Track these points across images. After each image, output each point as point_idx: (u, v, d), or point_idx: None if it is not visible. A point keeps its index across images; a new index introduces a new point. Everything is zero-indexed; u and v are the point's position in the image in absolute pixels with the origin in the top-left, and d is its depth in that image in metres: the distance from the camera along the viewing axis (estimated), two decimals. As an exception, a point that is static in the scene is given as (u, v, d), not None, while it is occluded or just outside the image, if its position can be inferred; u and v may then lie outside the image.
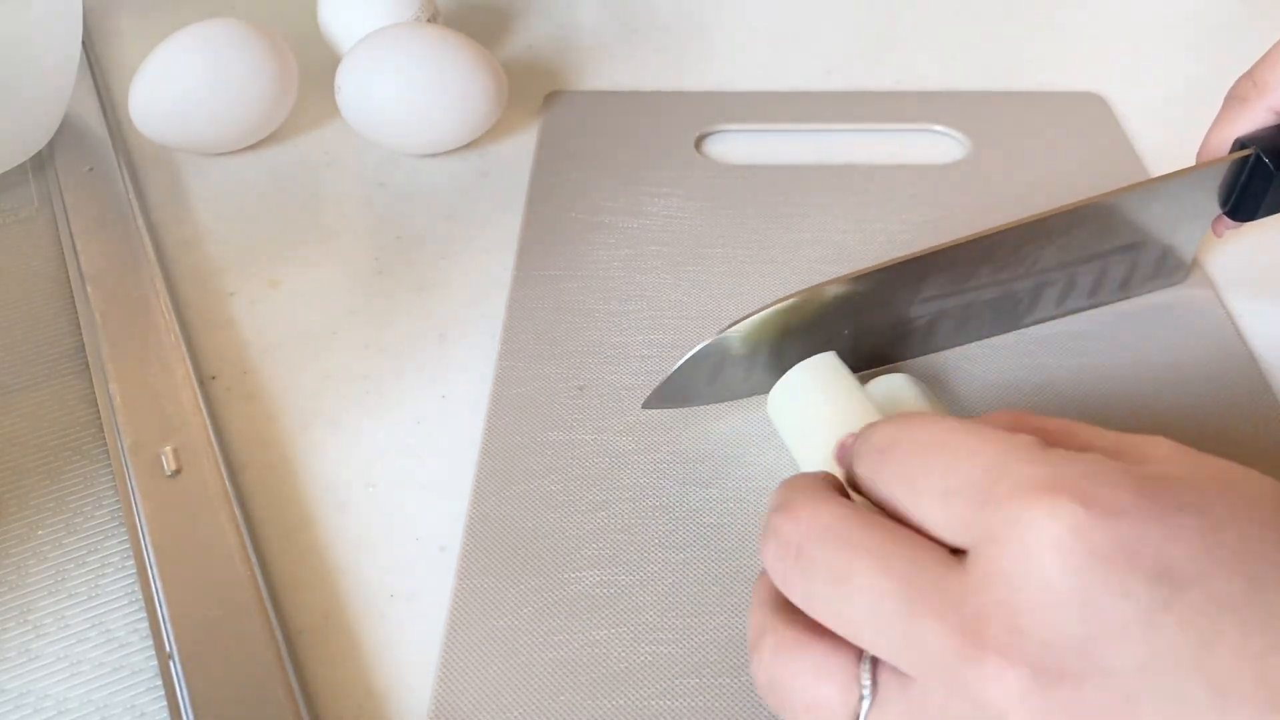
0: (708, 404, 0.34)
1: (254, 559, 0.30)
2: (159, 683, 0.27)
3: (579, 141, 0.46)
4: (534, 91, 0.50)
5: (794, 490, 0.24)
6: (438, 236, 0.42)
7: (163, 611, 0.28)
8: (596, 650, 0.28)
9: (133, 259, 0.40)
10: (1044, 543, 0.19)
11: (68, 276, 0.39)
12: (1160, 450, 0.22)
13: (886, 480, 0.23)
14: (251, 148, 0.46)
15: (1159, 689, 0.19)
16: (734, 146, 0.46)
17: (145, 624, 0.29)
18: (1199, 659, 0.18)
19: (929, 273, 0.33)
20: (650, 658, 0.28)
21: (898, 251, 0.39)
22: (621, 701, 0.27)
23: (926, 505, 0.22)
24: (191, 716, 0.26)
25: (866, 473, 0.24)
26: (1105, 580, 0.19)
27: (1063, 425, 0.24)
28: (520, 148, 0.46)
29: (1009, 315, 0.36)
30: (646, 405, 0.33)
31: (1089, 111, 0.48)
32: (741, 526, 0.31)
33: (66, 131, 0.46)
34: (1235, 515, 0.20)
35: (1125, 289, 0.37)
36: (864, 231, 0.41)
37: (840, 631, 0.22)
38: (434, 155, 0.46)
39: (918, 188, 0.43)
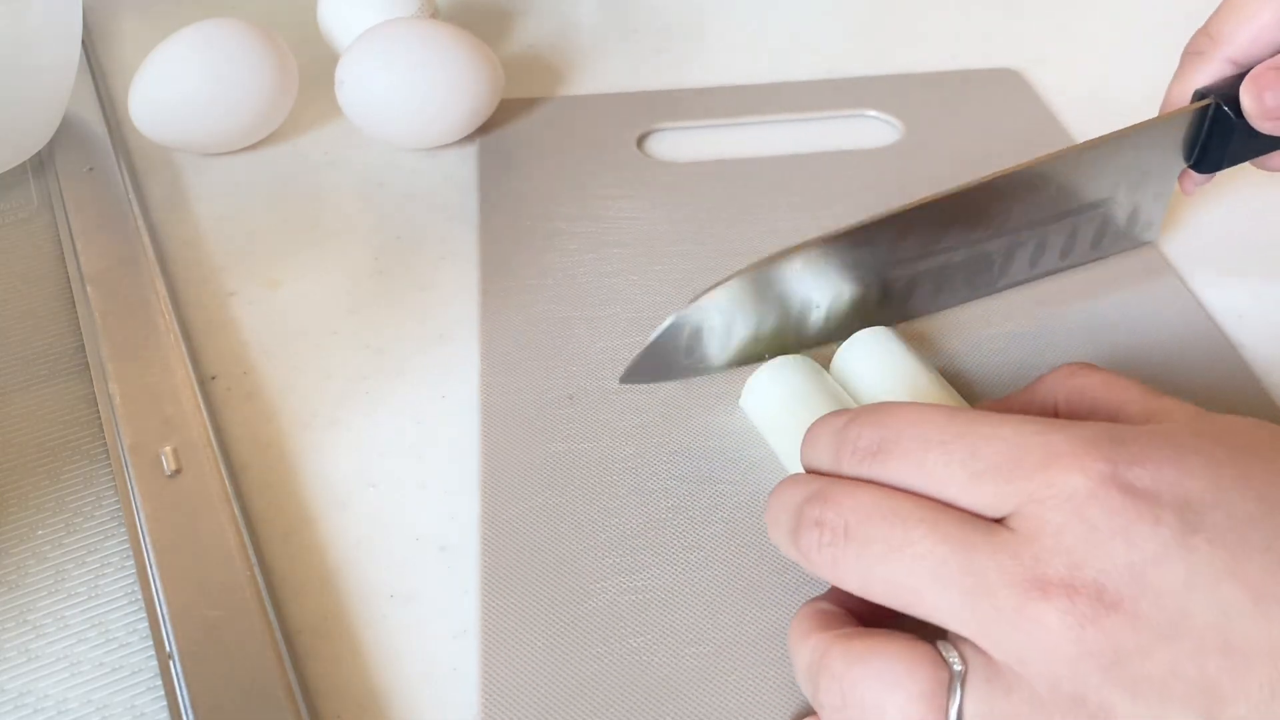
0: (688, 377, 0.34)
1: (254, 559, 0.30)
2: (159, 683, 0.27)
3: (520, 151, 0.46)
4: (534, 91, 0.50)
5: (814, 482, 0.25)
6: (438, 236, 0.42)
7: (162, 611, 0.28)
8: (637, 659, 0.28)
9: (133, 259, 0.40)
10: (1081, 493, 0.22)
11: (68, 277, 0.39)
12: (1180, 413, 0.25)
13: (895, 475, 0.24)
14: (251, 148, 0.46)
15: (1205, 600, 0.21)
16: (675, 144, 0.47)
17: (145, 624, 0.29)
18: (1233, 569, 0.21)
19: (903, 232, 0.33)
20: (692, 660, 0.28)
21: None
22: (673, 707, 0.27)
23: (954, 489, 0.23)
24: (191, 716, 0.26)
25: (861, 471, 0.25)
26: (1138, 514, 0.21)
27: (1107, 379, 0.27)
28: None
29: (984, 277, 0.37)
30: (624, 380, 0.34)
31: (1009, 87, 0.49)
32: (753, 520, 0.31)
33: (66, 131, 0.46)
34: (1234, 455, 0.23)
35: (1097, 248, 0.38)
36: (818, 219, 0.41)
37: (904, 602, 0.23)
38: (434, 156, 0.46)
39: (860, 172, 0.44)
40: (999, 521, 0.23)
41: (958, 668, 0.22)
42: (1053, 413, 0.29)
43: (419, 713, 0.27)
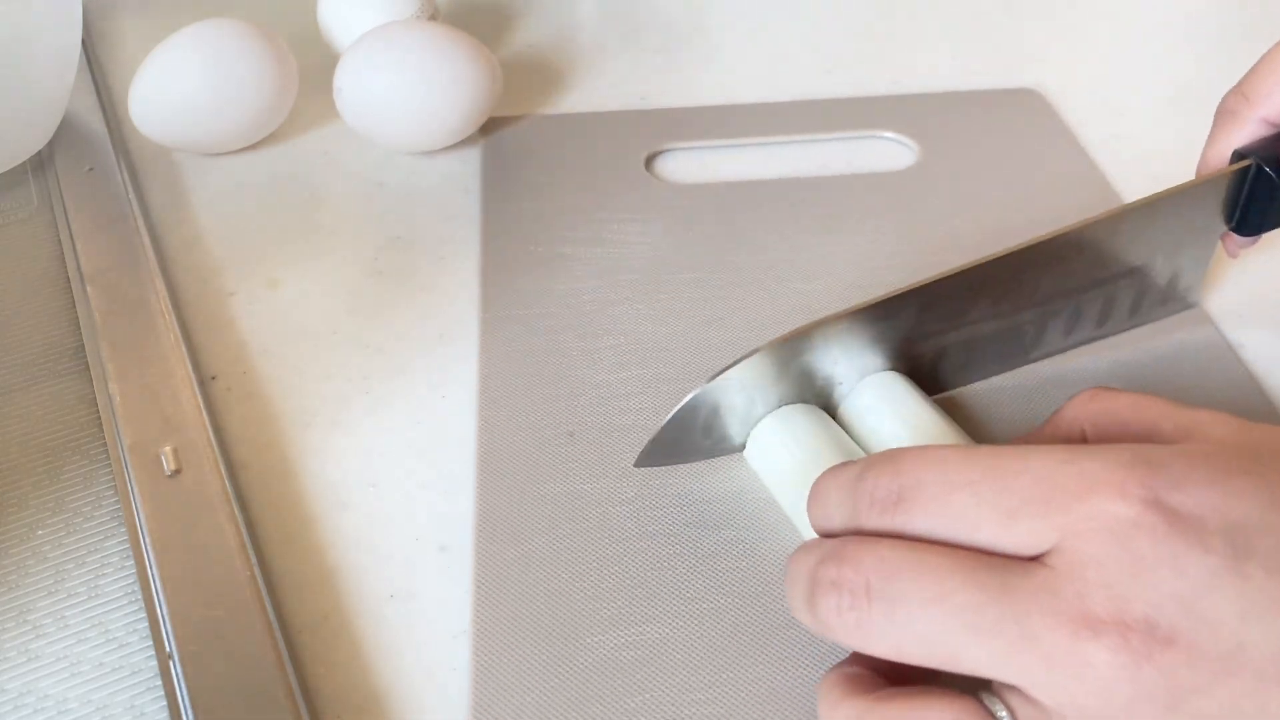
0: (707, 459, 0.32)
1: (254, 559, 0.29)
2: (159, 683, 0.27)
3: (524, 161, 0.45)
4: (534, 91, 0.50)
5: (830, 543, 0.24)
6: (438, 236, 0.42)
7: (162, 611, 0.28)
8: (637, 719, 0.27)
9: (132, 259, 0.40)
10: (1123, 522, 0.21)
11: (67, 276, 0.39)
12: (1219, 427, 0.24)
13: (921, 524, 0.23)
14: (251, 148, 0.46)
15: (1262, 631, 0.20)
16: (685, 165, 0.46)
17: (145, 624, 0.29)
18: None
19: (928, 304, 0.31)
20: (695, 721, 0.27)
21: (871, 268, 0.39)
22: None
23: (986, 532, 0.22)
24: (191, 716, 0.26)
25: (884, 525, 0.23)
26: (1185, 541, 0.20)
27: (1134, 400, 0.26)
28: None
29: (1015, 349, 0.34)
30: (639, 464, 0.32)
31: (1029, 107, 0.48)
32: (762, 568, 0.30)
33: (66, 131, 0.46)
34: None
35: (1135, 315, 0.36)
36: (832, 246, 0.40)
37: (942, 660, 0.21)
38: (434, 156, 0.46)
39: (875, 196, 0.43)
40: (1036, 559, 0.21)
41: (1004, 716, 0.21)
42: (1080, 441, 0.27)
43: (418, 712, 0.27)
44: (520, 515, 0.31)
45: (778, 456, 0.31)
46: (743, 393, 0.31)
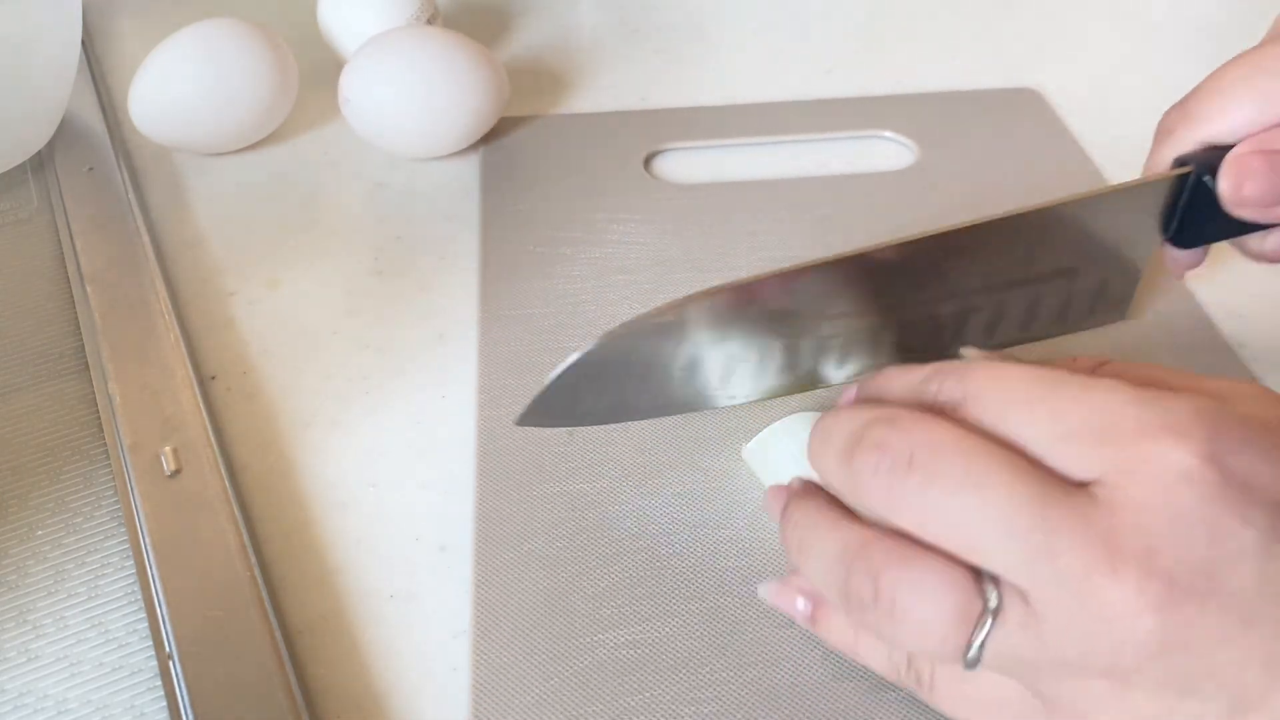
0: (604, 424, 0.31)
1: (253, 559, 0.29)
2: (159, 683, 0.27)
3: (523, 162, 0.45)
4: (534, 91, 0.50)
5: (883, 408, 0.24)
6: (438, 237, 0.42)
7: (162, 612, 0.28)
8: (637, 717, 0.27)
9: (132, 259, 0.40)
10: (1174, 475, 0.21)
11: (67, 276, 0.39)
12: (1247, 391, 0.23)
13: (975, 424, 0.23)
14: (251, 148, 0.46)
15: (1269, 612, 0.20)
16: (683, 165, 0.46)
17: (145, 624, 0.29)
18: None
19: (841, 282, 0.30)
20: (693, 721, 0.27)
21: None
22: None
23: (1037, 448, 0.22)
24: (191, 717, 0.26)
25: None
26: (1229, 508, 0.20)
27: (1147, 370, 0.25)
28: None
29: (933, 343, 0.33)
30: (521, 422, 0.30)
31: (1028, 108, 0.48)
32: (761, 566, 0.30)
33: (66, 131, 0.46)
34: None
35: (1062, 322, 0.34)
36: (831, 245, 0.40)
37: (957, 543, 0.22)
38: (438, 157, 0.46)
39: (874, 197, 0.43)
40: (1079, 485, 0.21)
41: (993, 603, 0.21)
42: None
43: (418, 712, 0.27)
44: (520, 515, 0.31)
45: (781, 465, 0.31)
46: (638, 357, 0.29)
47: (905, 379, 0.25)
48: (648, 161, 0.45)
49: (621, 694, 0.27)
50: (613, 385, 0.30)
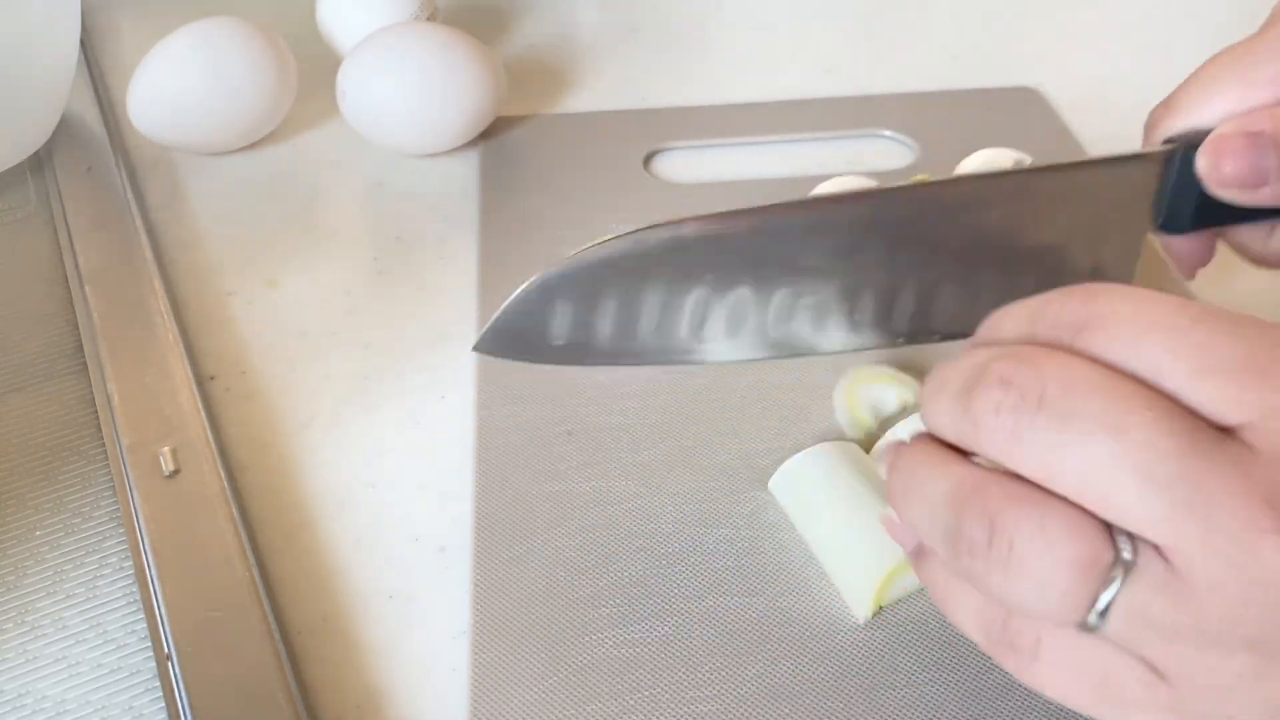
0: (565, 364, 0.29)
1: (252, 559, 0.29)
2: (157, 684, 0.27)
3: (522, 161, 0.45)
4: (533, 90, 0.50)
5: (1013, 346, 0.21)
6: (437, 236, 0.42)
7: (161, 612, 0.28)
8: (635, 717, 0.27)
9: (131, 259, 0.40)
10: None
11: (66, 276, 0.39)
12: None
13: (1103, 352, 0.20)
14: (251, 147, 0.46)
15: None
16: (683, 164, 0.46)
17: (143, 625, 0.29)
18: None
19: (815, 228, 0.28)
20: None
21: None
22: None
23: (1175, 381, 0.20)
24: (190, 717, 0.26)
25: (1060, 344, 0.21)
26: None
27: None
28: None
29: (918, 320, 0.30)
30: (478, 348, 0.28)
31: (1027, 106, 0.48)
32: (760, 566, 0.30)
33: (65, 131, 0.46)
34: None
35: None
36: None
37: (1092, 493, 0.19)
38: (433, 156, 0.46)
39: None
40: (1226, 431, 0.19)
41: (1127, 556, 0.19)
42: None
43: (417, 713, 0.27)
44: (519, 515, 0.31)
45: (811, 495, 0.30)
46: (590, 288, 0.28)
47: (1018, 313, 0.22)
48: (647, 161, 0.45)
49: (620, 694, 0.27)
50: (575, 314, 0.28)
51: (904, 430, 0.30)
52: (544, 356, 0.28)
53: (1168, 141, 0.30)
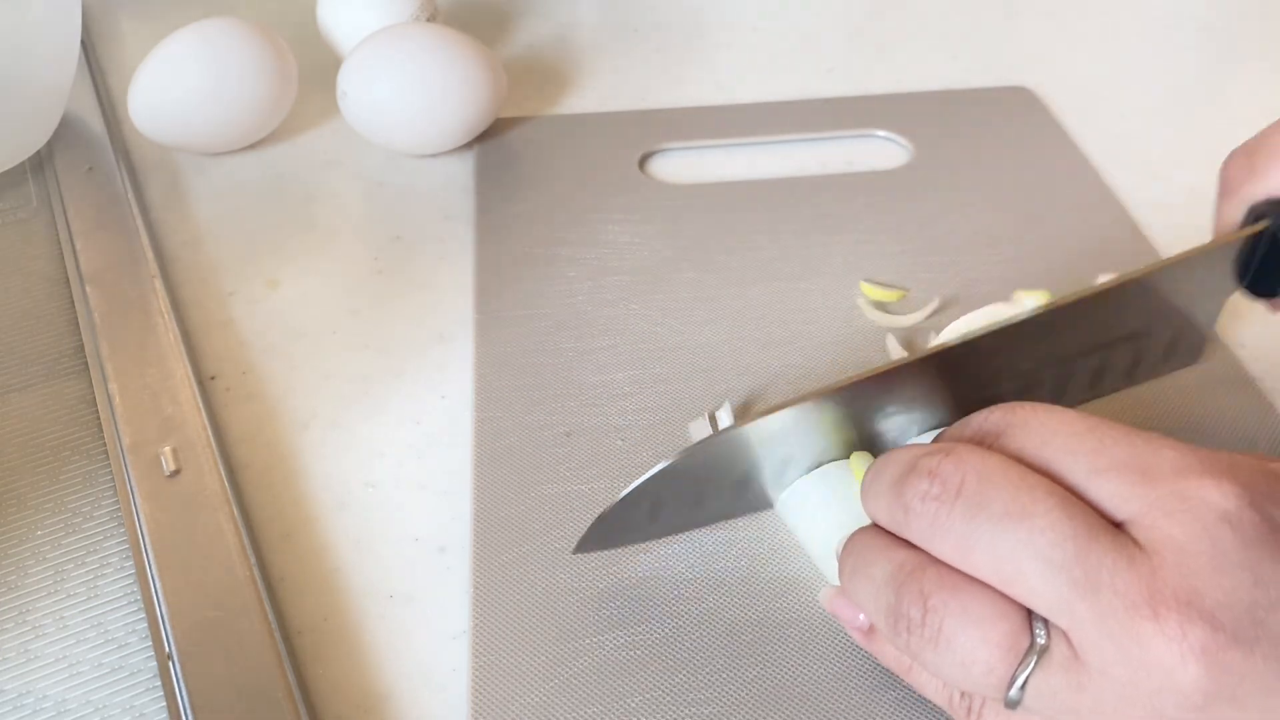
0: (657, 539, 0.30)
1: (253, 559, 0.29)
2: (158, 683, 0.27)
3: (519, 161, 0.45)
4: (532, 91, 0.50)
5: (944, 444, 0.24)
6: (437, 236, 0.42)
7: (162, 612, 0.28)
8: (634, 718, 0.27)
9: (131, 259, 0.40)
10: (1215, 516, 0.20)
11: (66, 276, 0.39)
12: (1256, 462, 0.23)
13: (1018, 451, 0.23)
14: (251, 147, 0.46)
15: None
16: (678, 165, 0.46)
17: (144, 624, 0.29)
18: None
19: (900, 387, 0.29)
20: (692, 721, 0.27)
21: (865, 266, 0.39)
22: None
23: (1075, 479, 0.22)
24: (190, 717, 0.26)
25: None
26: (1271, 550, 0.20)
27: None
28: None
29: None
30: (579, 550, 0.29)
31: (1022, 106, 0.48)
32: (760, 569, 0.30)
33: (65, 131, 0.46)
34: None
35: (1131, 377, 0.33)
36: (826, 244, 0.41)
37: (1000, 575, 0.21)
38: (432, 156, 0.46)
39: (870, 196, 0.43)
40: (1119, 525, 0.21)
41: (1041, 640, 0.21)
42: None
43: (418, 713, 0.27)
44: (518, 516, 0.31)
45: (817, 514, 0.30)
46: (705, 473, 0.29)
47: (959, 424, 0.25)
48: (643, 162, 0.45)
49: (621, 695, 0.27)
50: (678, 501, 0.29)
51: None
52: (641, 538, 0.30)
53: (1253, 212, 0.30)
